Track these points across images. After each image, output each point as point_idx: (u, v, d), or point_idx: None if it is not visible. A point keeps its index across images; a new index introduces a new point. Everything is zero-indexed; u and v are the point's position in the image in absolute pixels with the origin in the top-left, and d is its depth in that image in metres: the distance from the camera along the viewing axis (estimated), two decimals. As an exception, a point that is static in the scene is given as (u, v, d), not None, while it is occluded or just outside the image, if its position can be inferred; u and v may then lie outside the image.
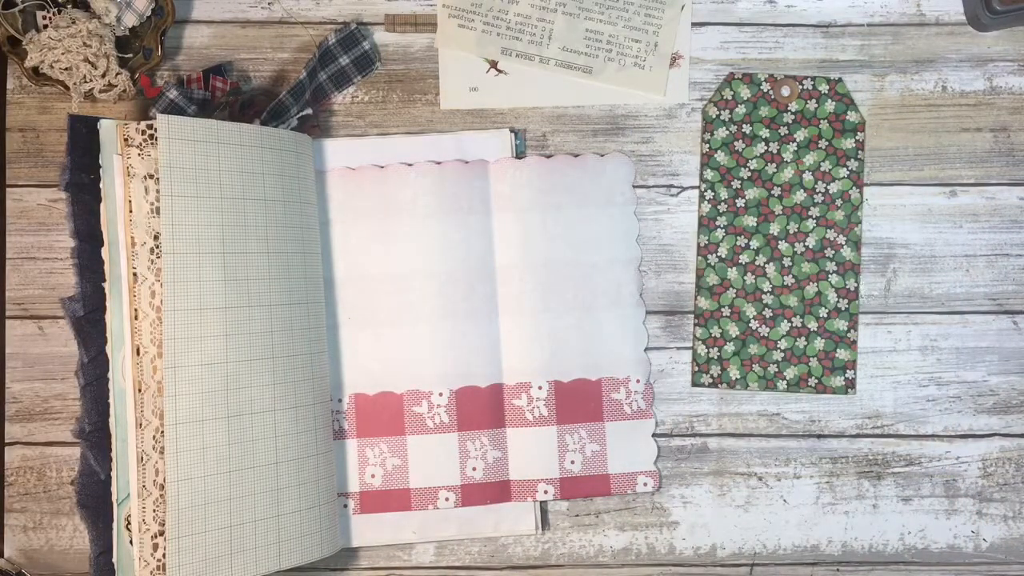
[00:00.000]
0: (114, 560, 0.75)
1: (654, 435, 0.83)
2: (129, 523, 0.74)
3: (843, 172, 0.83)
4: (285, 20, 0.84)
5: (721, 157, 0.84)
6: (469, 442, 0.82)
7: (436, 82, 0.84)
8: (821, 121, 0.84)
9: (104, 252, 0.76)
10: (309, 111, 0.81)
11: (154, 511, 0.73)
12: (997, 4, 0.81)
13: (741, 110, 0.84)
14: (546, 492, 0.82)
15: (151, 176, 0.74)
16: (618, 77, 0.84)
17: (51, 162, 0.83)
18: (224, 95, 0.80)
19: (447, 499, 0.82)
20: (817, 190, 0.83)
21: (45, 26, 0.80)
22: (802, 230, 0.83)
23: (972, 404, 0.84)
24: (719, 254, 0.83)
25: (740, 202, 0.84)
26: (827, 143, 0.83)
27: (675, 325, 0.84)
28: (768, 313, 0.83)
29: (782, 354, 0.83)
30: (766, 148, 0.84)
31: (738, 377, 0.83)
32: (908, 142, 0.84)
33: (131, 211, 0.74)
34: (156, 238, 0.74)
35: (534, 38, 0.84)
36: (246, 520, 0.74)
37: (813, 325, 0.83)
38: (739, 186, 0.84)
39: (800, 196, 0.83)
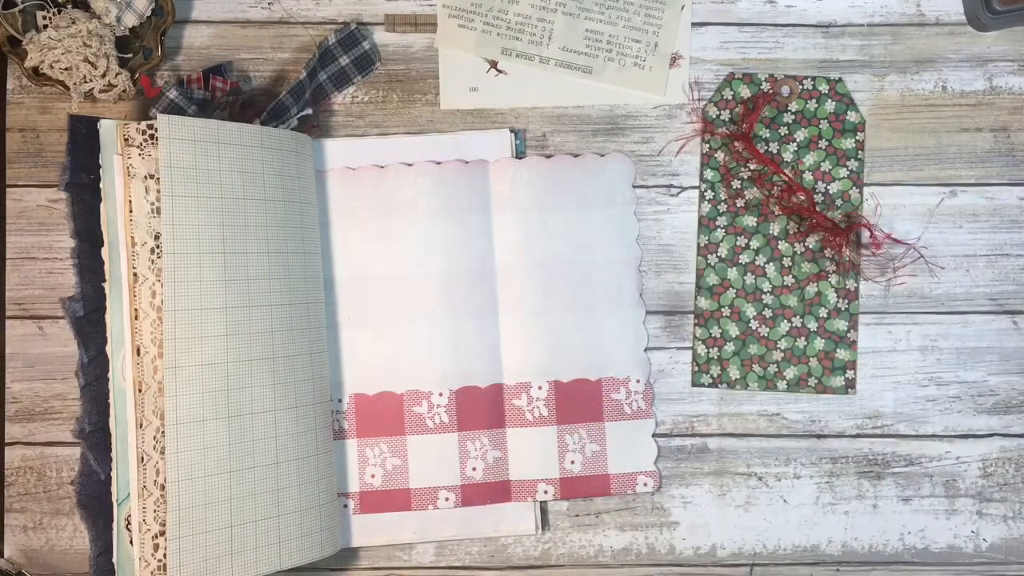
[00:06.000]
0: (114, 560, 0.75)
1: (654, 435, 0.83)
2: (129, 523, 0.74)
3: (843, 172, 0.83)
4: (285, 20, 0.84)
5: (721, 157, 0.84)
6: (469, 442, 0.82)
7: (436, 82, 0.84)
8: (821, 121, 0.84)
9: (104, 252, 0.76)
10: (309, 111, 0.81)
11: (155, 511, 0.73)
12: (997, 4, 0.81)
13: (741, 110, 0.84)
14: (546, 492, 0.82)
15: (151, 176, 0.74)
16: (618, 77, 0.84)
17: (51, 162, 0.83)
18: (224, 95, 0.80)
19: (447, 499, 0.82)
20: (817, 190, 0.83)
21: (45, 26, 0.80)
22: (802, 230, 0.83)
23: (972, 404, 0.84)
24: (719, 254, 0.84)
25: (740, 202, 0.84)
26: (827, 143, 0.84)
27: (675, 325, 0.84)
28: (768, 313, 0.83)
29: (782, 354, 0.83)
30: (766, 148, 0.84)
31: (738, 377, 0.83)
32: (908, 142, 0.84)
33: (131, 211, 0.74)
34: (157, 238, 0.74)
35: (534, 38, 0.84)
36: (246, 520, 0.74)
37: (813, 325, 0.83)
38: (739, 186, 0.84)
39: (800, 196, 0.83)
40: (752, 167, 0.83)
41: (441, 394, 0.82)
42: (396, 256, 0.82)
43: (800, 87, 0.84)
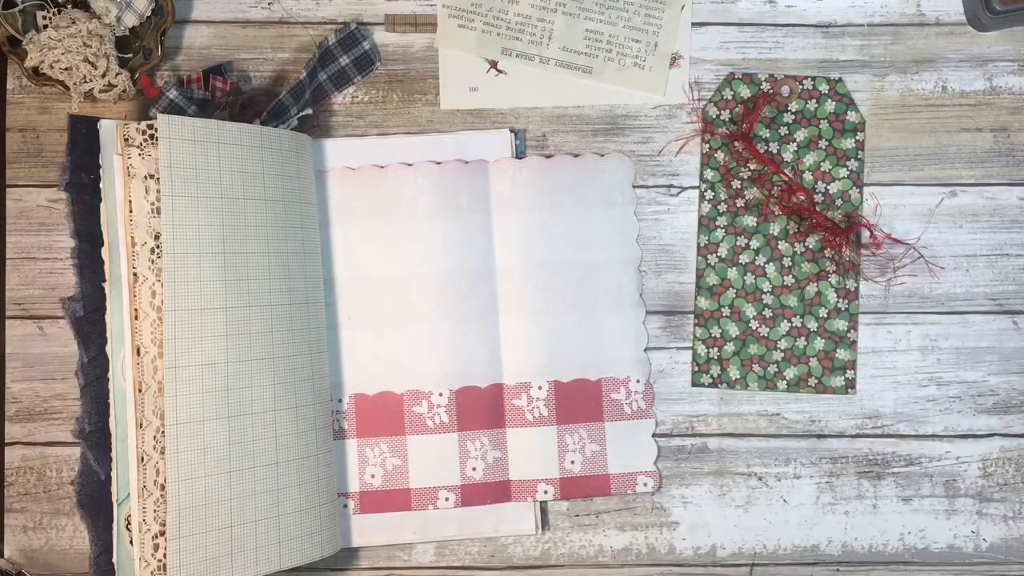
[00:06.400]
0: (114, 560, 0.75)
1: (654, 435, 0.83)
2: (129, 523, 0.74)
3: (843, 172, 0.83)
4: (285, 20, 0.84)
5: (721, 157, 0.84)
6: (469, 442, 0.82)
7: (436, 82, 0.84)
8: (821, 121, 0.84)
9: (104, 252, 0.76)
10: (309, 111, 0.81)
11: (155, 511, 0.73)
12: (997, 4, 0.81)
13: (741, 110, 0.84)
14: (546, 492, 0.82)
15: (151, 176, 0.74)
16: (618, 77, 0.84)
17: (51, 162, 0.83)
18: (224, 95, 0.80)
19: (447, 499, 0.82)
20: (817, 190, 0.83)
21: (45, 26, 0.80)
22: (802, 230, 0.83)
23: (972, 404, 0.84)
24: (719, 254, 0.84)
25: (740, 202, 0.84)
26: (827, 143, 0.84)
27: (675, 325, 0.84)
28: (768, 313, 0.83)
29: (782, 354, 0.83)
30: (766, 148, 0.84)
31: (738, 377, 0.83)
32: (908, 142, 0.84)
33: (131, 211, 0.74)
34: (157, 238, 0.74)
35: (534, 38, 0.84)
36: (246, 520, 0.74)
37: (813, 325, 0.83)
38: (739, 186, 0.84)
39: (800, 196, 0.83)
40: (752, 167, 0.83)
41: (441, 394, 0.82)
42: (396, 256, 0.82)
43: (800, 87, 0.84)
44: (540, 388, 0.82)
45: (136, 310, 0.74)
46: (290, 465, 0.77)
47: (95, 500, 0.80)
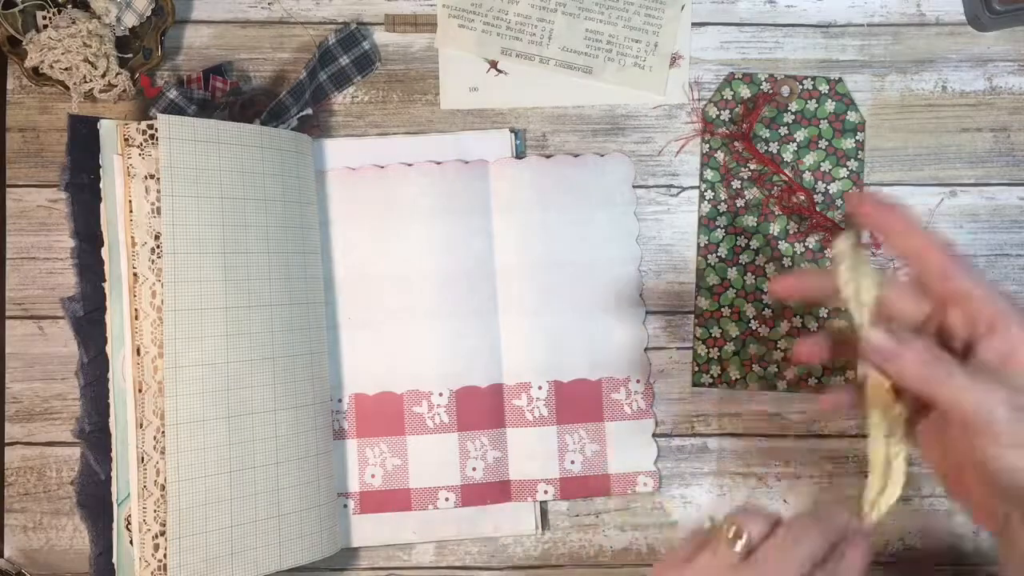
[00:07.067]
0: (114, 560, 0.75)
1: (654, 435, 0.83)
2: (129, 523, 0.74)
3: (843, 172, 0.83)
4: (285, 20, 0.84)
5: (721, 157, 0.84)
6: (469, 442, 0.82)
7: (436, 82, 0.84)
8: (821, 121, 0.84)
9: (104, 252, 0.76)
10: (309, 111, 0.81)
11: (155, 511, 0.73)
12: (997, 4, 0.82)
13: (741, 110, 0.84)
14: (546, 492, 0.82)
15: (152, 176, 0.74)
16: (618, 77, 0.84)
17: (51, 162, 0.83)
18: (224, 95, 0.80)
19: (447, 499, 0.82)
20: (817, 190, 0.83)
21: (45, 26, 0.80)
22: (802, 230, 0.83)
23: (972, 404, 0.84)
24: (719, 254, 0.84)
25: (740, 202, 0.84)
26: (827, 143, 0.84)
27: (675, 325, 0.84)
28: (768, 313, 0.83)
29: (782, 354, 0.83)
30: (766, 148, 0.84)
31: (738, 377, 0.83)
32: (908, 142, 0.84)
33: (131, 211, 0.74)
34: (157, 238, 0.74)
35: (534, 38, 0.84)
36: (247, 520, 0.74)
37: (813, 325, 0.83)
38: (739, 186, 0.84)
39: (800, 196, 0.83)
40: (752, 167, 0.83)
41: (441, 394, 0.82)
42: (396, 256, 0.82)
43: (800, 87, 0.84)
44: (540, 388, 0.82)
45: (136, 310, 0.74)
46: (290, 465, 0.77)
47: (95, 500, 0.80)
